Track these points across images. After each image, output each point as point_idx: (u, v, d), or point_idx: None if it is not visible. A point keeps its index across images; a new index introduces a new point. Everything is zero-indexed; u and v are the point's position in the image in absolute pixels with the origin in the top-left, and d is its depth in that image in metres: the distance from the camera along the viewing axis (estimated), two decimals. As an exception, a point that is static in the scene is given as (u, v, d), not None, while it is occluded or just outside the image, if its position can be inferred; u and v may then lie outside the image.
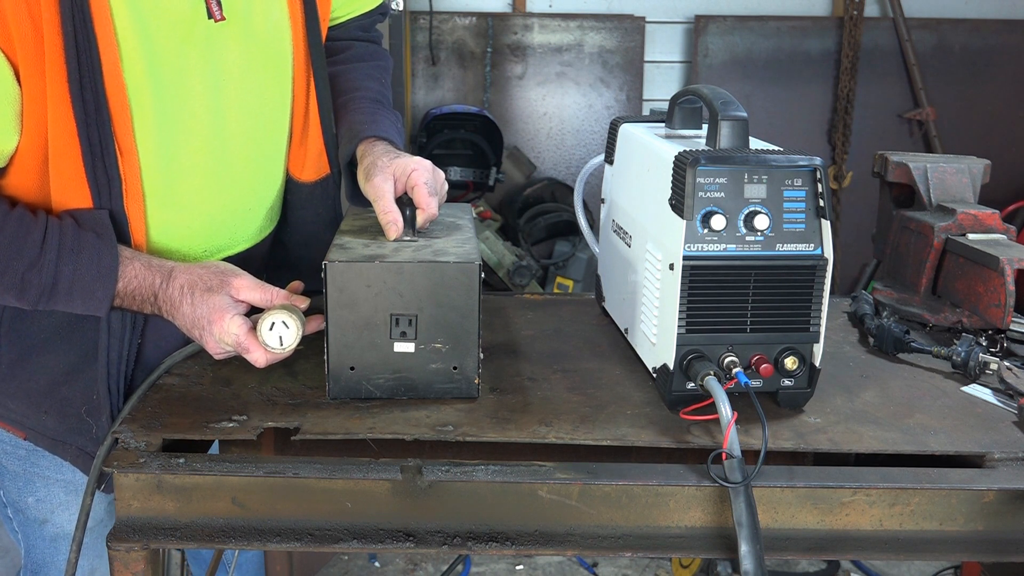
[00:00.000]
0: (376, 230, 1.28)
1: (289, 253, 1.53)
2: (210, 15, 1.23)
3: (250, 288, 1.22)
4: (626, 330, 1.36)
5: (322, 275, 1.14)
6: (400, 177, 1.30)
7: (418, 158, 1.33)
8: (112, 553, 1.06)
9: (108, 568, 1.08)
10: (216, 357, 1.25)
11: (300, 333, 1.19)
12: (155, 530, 1.06)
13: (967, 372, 1.31)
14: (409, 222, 1.26)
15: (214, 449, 1.33)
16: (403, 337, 1.16)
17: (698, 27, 4.16)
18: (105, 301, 1.19)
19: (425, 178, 1.29)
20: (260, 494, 1.06)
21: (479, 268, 1.15)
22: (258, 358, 1.19)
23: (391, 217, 1.25)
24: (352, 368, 1.18)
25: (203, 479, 1.05)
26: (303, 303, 1.24)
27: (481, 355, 1.19)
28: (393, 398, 1.19)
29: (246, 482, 1.06)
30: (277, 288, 1.24)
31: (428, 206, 1.27)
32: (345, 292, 1.15)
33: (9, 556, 2.87)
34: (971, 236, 1.46)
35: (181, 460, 1.06)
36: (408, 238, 1.25)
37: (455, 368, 1.18)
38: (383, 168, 1.31)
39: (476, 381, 1.19)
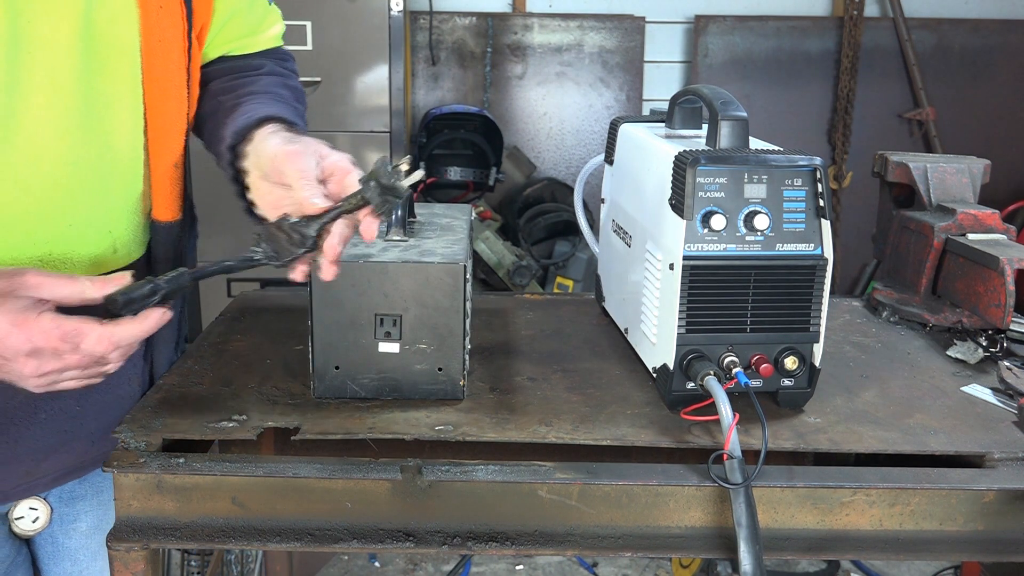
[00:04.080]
0: None
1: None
2: None
3: (52, 282, 0.94)
4: (626, 330, 1.36)
5: (310, 272, 1.14)
6: (328, 165, 1.03)
7: (345, 157, 1.06)
8: (112, 553, 1.06)
9: None
10: (37, 388, 0.96)
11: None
12: (155, 530, 1.06)
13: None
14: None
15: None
16: (387, 337, 1.16)
17: (698, 27, 4.16)
18: None
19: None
20: (260, 494, 1.06)
21: (464, 269, 1.15)
22: (99, 340, 0.93)
23: (314, 191, 0.99)
24: (337, 368, 1.17)
25: (203, 479, 1.05)
26: (122, 280, 0.98)
27: (467, 357, 1.19)
28: (379, 398, 1.19)
29: (246, 482, 1.06)
30: (85, 276, 0.97)
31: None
32: (330, 291, 1.15)
33: None
34: (971, 236, 1.46)
35: (181, 460, 1.06)
36: (398, 238, 1.25)
37: (440, 369, 1.18)
38: (306, 141, 1.06)
39: (461, 383, 1.19)
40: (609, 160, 1.47)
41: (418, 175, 1.00)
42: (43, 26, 1.05)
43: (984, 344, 1.39)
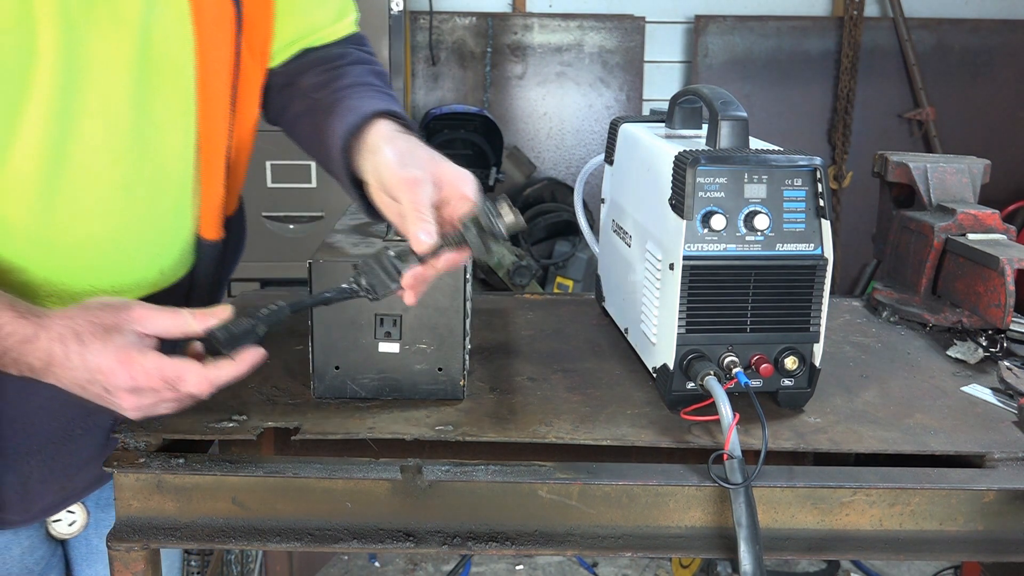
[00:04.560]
0: (369, 231, 1.28)
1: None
2: None
3: (156, 316, 0.95)
4: (626, 330, 1.36)
5: (307, 273, 1.14)
6: (442, 187, 1.00)
7: (463, 170, 1.03)
8: (112, 553, 1.06)
9: None
10: (133, 416, 0.98)
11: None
12: (155, 530, 1.06)
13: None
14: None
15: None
16: (388, 337, 1.16)
17: (698, 27, 4.16)
18: None
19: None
20: (260, 494, 1.06)
21: (464, 269, 1.15)
22: (199, 383, 0.95)
23: (425, 226, 0.96)
24: (337, 367, 1.17)
25: (203, 479, 1.05)
26: (224, 313, 0.99)
27: (467, 357, 1.19)
28: (379, 398, 1.19)
29: (246, 482, 1.06)
30: (187, 310, 0.97)
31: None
32: None
33: None
34: (971, 236, 1.46)
35: (181, 460, 1.06)
36: (399, 238, 1.22)
37: (440, 369, 1.18)
38: (423, 163, 1.02)
39: (461, 383, 1.19)
40: (609, 160, 1.47)
41: (518, 221, 0.99)
42: (100, 49, 1.02)
43: (984, 344, 1.39)
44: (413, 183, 0.99)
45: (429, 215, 0.97)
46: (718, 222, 1.11)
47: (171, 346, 0.99)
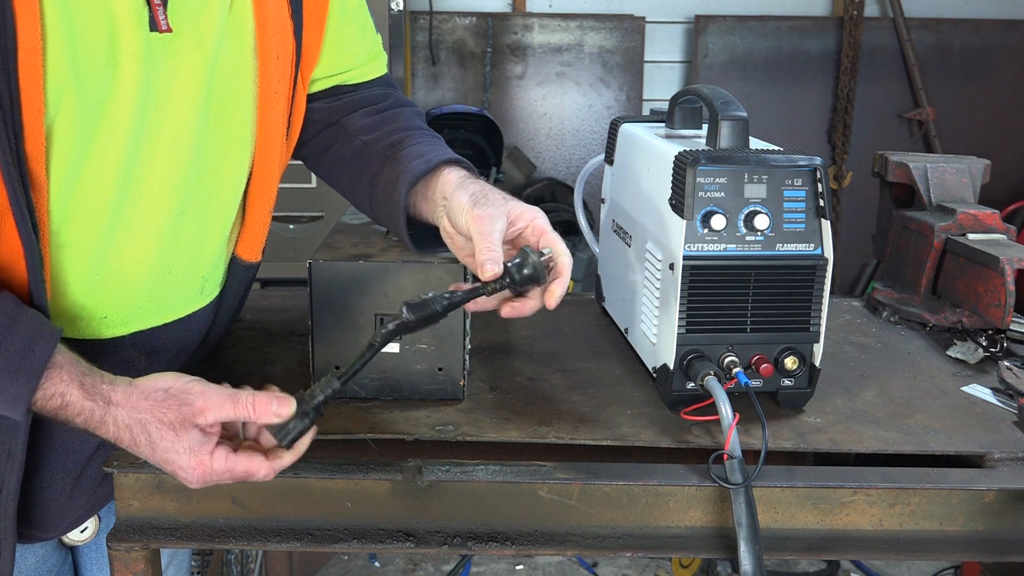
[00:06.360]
0: (369, 231, 1.28)
1: (216, 334, 1.27)
2: (153, 25, 1.01)
3: (217, 407, 0.96)
4: (626, 330, 1.36)
5: (307, 273, 1.14)
6: (516, 220, 1.06)
7: (534, 206, 1.09)
8: (112, 553, 1.06)
9: None
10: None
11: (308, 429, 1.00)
12: (155, 530, 1.06)
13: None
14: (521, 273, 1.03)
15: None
16: None
17: (698, 27, 4.16)
18: (20, 402, 0.94)
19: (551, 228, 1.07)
20: (260, 494, 1.06)
21: (464, 269, 1.15)
22: (266, 475, 0.99)
23: (492, 255, 1.00)
24: (337, 367, 1.17)
25: (203, 479, 1.05)
26: (284, 409, 0.98)
27: (467, 357, 1.19)
28: (379, 398, 1.19)
29: (246, 482, 1.06)
30: (247, 393, 0.97)
31: (566, 252, 1.04)
32: (329, 291, 1.15)
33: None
34: (971, 236, 1.46)
35: (181, 460, 1.06)
36: (398, 238, 1.24)
37: (440, 369, 1.18)
38: (496, 203, 1.06)
39: (461, 383, 1.19)
40: (609, 160, 1.48)
41: (555, 276, 1.03)
42: (173, 84, 1.05)
43: (984, 344, 1.39)
44: (485, 219, 1.04)
45: (497, 248, 1.02)
46: (718, 222, 1.11)
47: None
